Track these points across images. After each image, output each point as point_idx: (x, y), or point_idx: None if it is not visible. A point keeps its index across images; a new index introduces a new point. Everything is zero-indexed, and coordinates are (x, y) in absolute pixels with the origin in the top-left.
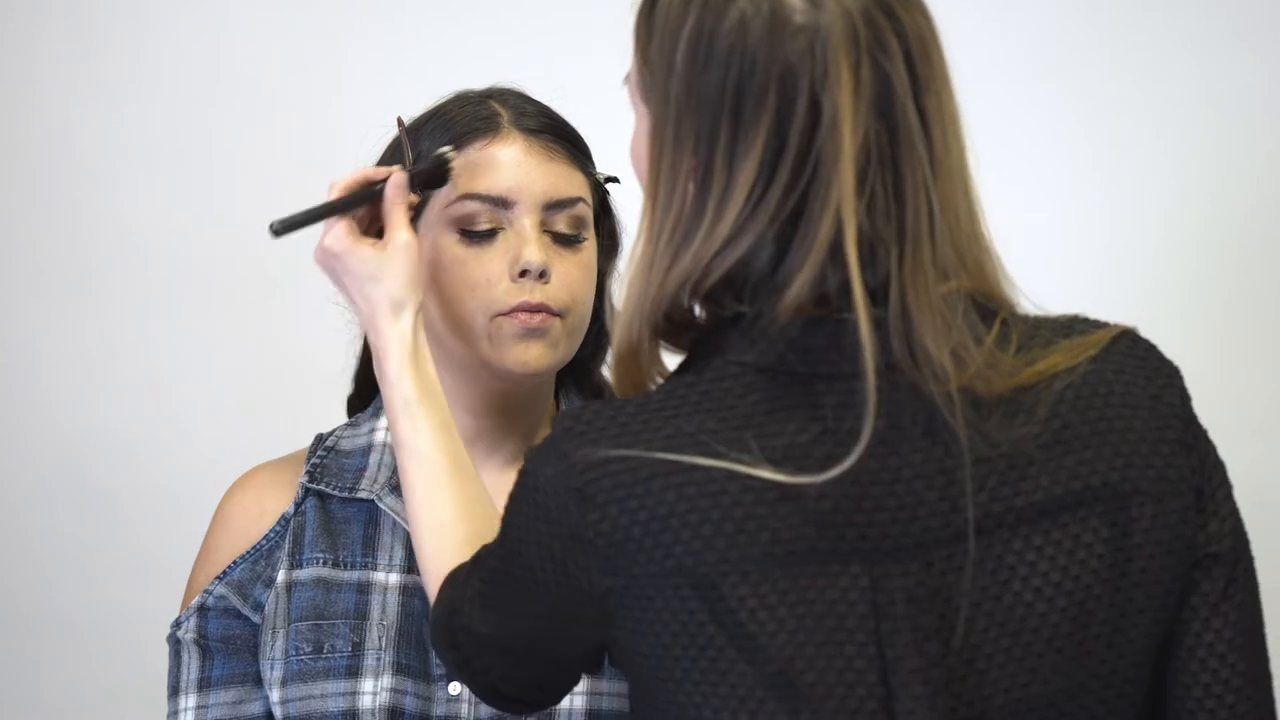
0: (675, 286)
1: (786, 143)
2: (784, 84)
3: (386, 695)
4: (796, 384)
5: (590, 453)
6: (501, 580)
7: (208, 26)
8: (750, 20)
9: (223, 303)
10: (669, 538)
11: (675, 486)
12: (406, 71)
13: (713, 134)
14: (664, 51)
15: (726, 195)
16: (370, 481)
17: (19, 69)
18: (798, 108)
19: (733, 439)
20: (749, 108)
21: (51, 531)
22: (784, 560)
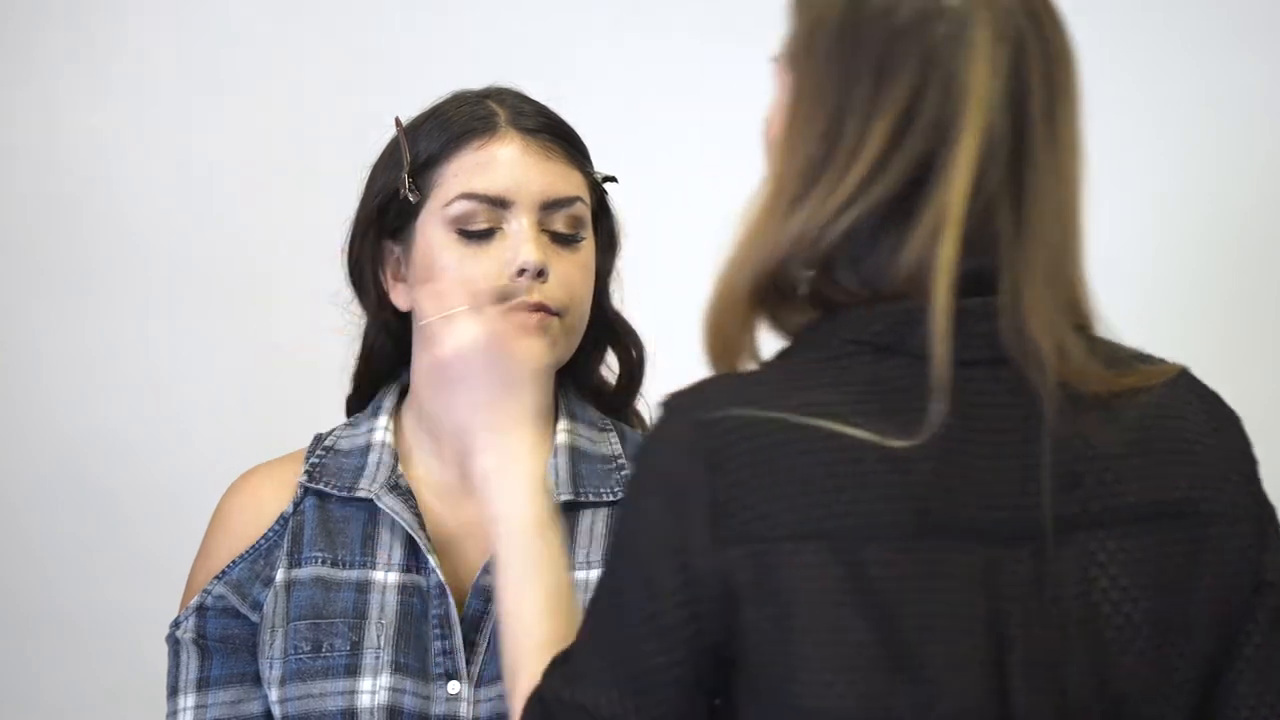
0: (790, 243)
1: (918, 116)
2: (925, 62)
3: (385, 694)
4: (918, 365)
5: (719, 415)
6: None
7: (208, 26)
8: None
9: (222, 303)
10: (806, 501)
11: (813, 452)
12: (407, 72)
13: (850, 96)
14: (815, 17)
15: (855, 154)
16: (369, 481)
17: (19, 69)
18: (933, 86)
19: (861, 411)
20: (888, 77)
21: (51, 531)
22: (916, 532)
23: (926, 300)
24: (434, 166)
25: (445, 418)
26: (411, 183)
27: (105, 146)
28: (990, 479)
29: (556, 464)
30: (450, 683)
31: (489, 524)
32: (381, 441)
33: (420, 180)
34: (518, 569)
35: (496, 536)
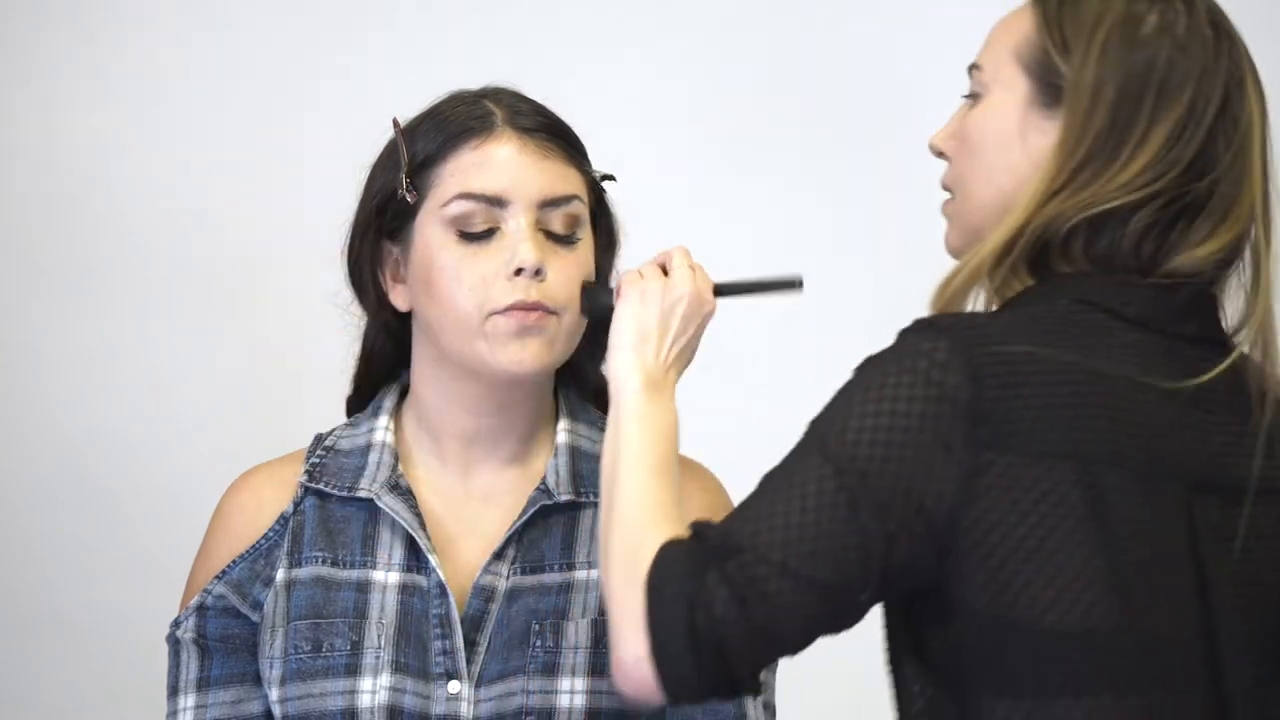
0: (1056, 211)
1: (1199, 122)
2: (1201, 80)
3: (385, 694)
4: (1162, 340)
5: (982, 339)
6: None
7: (209, 27)
8: (1174, 23)
9: (222, 303)
10: (1063, 424)
11: (1068, 381)
12: (407, 72)
13: (1139, 98)
14: (1089, 32)
15: (1140, 147)
16: (369, 481)
17: (19, 69)
18: (1212, 100)
19: (1108, 358)
20: (1173, 84)
21: (51, 531)
22: (1147, 468)
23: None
24: (431, 167)
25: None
26: (409, 183)
27: (105, 146)
28: (1209, 438)
29: (557, 464)
30: (450, 682)
31: (619, 422)
32: (382, 441)
33: (418, 180)
34: (655, 460)
35: (634, 432)
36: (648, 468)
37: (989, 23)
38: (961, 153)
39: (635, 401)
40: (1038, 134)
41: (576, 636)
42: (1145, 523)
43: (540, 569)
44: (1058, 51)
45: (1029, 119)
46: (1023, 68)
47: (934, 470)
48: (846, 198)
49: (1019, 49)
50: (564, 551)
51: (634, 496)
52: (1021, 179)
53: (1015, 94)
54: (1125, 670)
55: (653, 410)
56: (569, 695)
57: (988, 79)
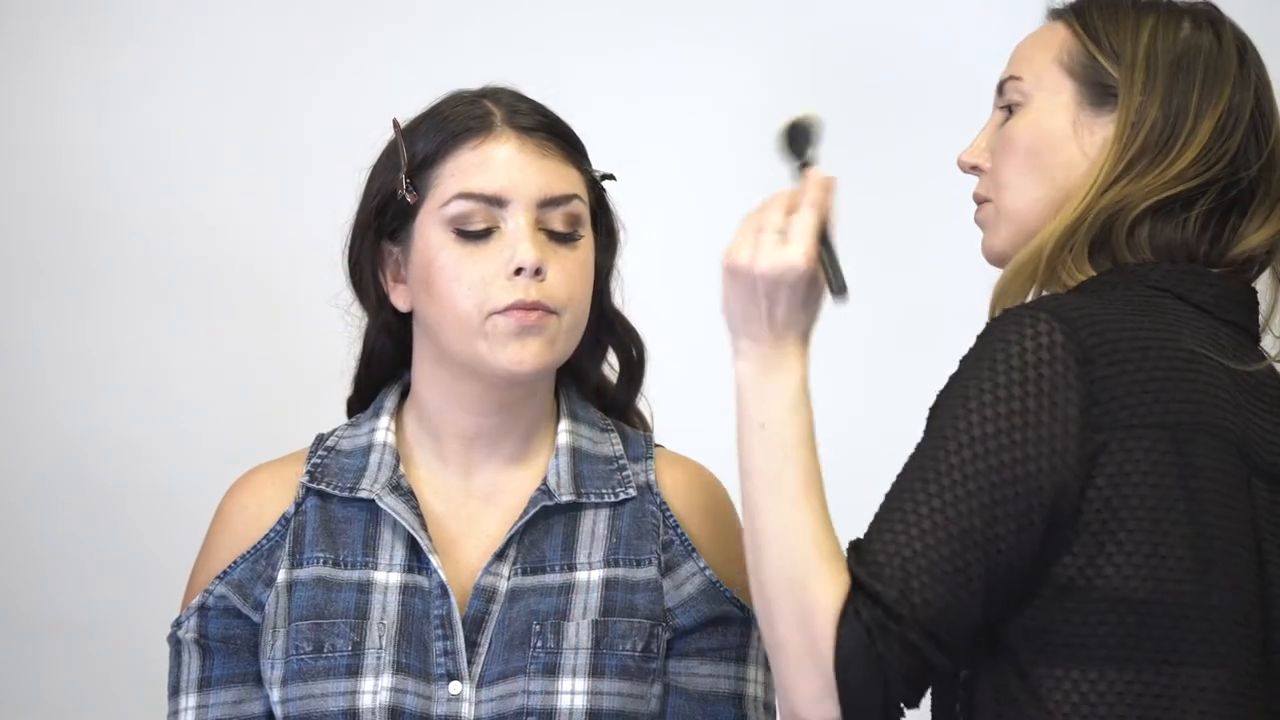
0: (1115, 198)
1: (1239, 117)
2: (1235, 82)
3: (387, 694)
4: (1223, 326)
5: (1087, 321)
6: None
7: (209, 27)
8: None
9: (223, 303)
10: (1164, 395)
11: (1165, 356)
12: (406, 73)
13: (1186, 94)
14: (1133, 39)
15: (1191, 137)
16: (370, 481)
17: (19, 69)
18: (1247, 99)
19: (1193, 336)
20: (1214, 83)
21: (52, 531)
22: (1229, 439)
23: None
24: (431, 167)
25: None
26: (409, 183)
27: (105, 146)
28: (1264, 424)
29: (558, 464)
30: (452, 683)
31: (740, 428)
32: (383, 442)
33: (418, 181)
34: (792, 478)
35: (752, 443)
36: (786, 493)
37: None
38: (1008, 157)
39: (750, 400)
40: (1089, 132)
41: (577, 637)
42: (1224, 496)
43: (541, 569)
44: (1105, 56)
45: (1080, 119)
46: (1067, 73)
47: (1055, 455)
48: (848, 198)
49: (1061, 57)
50: (565, 552)
51: (782, 535)
52: (1076, 173)
53: (1063, 96)
54: (1201, 642)
55: (773, 405)
56: (570, 696)
57: (1029, 87)
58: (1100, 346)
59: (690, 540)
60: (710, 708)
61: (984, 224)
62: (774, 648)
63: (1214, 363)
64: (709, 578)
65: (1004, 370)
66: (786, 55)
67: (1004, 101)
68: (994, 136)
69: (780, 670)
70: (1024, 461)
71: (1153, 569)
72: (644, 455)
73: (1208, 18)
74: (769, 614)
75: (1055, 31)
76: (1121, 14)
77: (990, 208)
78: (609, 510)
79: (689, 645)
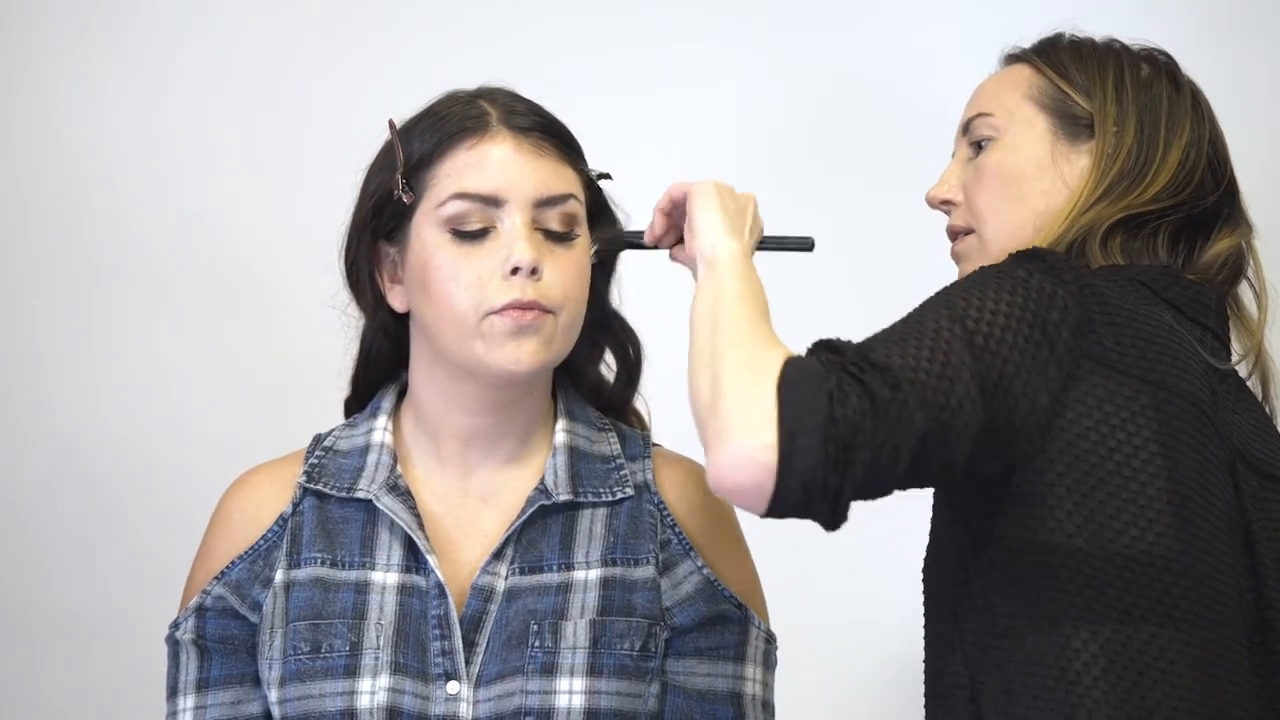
0: (1093, 218)
1: (1200, 148)
2: (1192, 115)
3: (384, 694)
4: (1193, 325)
5: (1086, 275)
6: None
7: (208, 27)
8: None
9: (222, 303)
10: (1150, 354)
11: (1152, 324)
12: (405, 73)
13: (1155, 126)
14: (1099, 77)
15: (1162, 164)
16: (368, 481)
17: (18, 69)
18: (1204, 133)
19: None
20: (1177, 117)
21: (52, 532)
22: (1206, 411)
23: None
24: (427, 167)
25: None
26: (405, 184)
27: (105, 146)
28: (1241, 418)
29: (555, 464)
30: (449, 683)
31: (720, 278)
32: (380, 442)
33: (414, 181)
34: (760, 306)
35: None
36: (758, 308)
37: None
38: (985, 186)
39: (739, 263)
40: (1067, 162)
41: (575, 636)
42: (1201, 464)
43: (539, 569)
44: (1077, 91)
45: (1058, 149)
46: (1039, 107)
47: (1038, 364)
48: (850, 197)
49: (1031, 93)
50: (562, 551)
51: (747, 327)
52: (1055, 200)
53: (1037, 129)
54: (1186, 603)
55: (751, 271)
56: (567, 695)
57: (1000, 122)
58: (1094, 299)
59: (688, 539)
60: (708, 706)
61: (963, 256)
62: (712, 404)
63: (1192, 347)
64: (706, 577)
65: (1009, 286)
66: (786, 55)
67: (973, 137)
68: (965, 170)
69: (716, 417)
70: (1007, 359)
71: (1135, 522)
72: (641, 454)
73: (1163, 62)
74: (716, 368)
75: (1019, 72)
76: (1085, 54)
77: (973, 239)
78: (606, 509)
79: (687, 644)
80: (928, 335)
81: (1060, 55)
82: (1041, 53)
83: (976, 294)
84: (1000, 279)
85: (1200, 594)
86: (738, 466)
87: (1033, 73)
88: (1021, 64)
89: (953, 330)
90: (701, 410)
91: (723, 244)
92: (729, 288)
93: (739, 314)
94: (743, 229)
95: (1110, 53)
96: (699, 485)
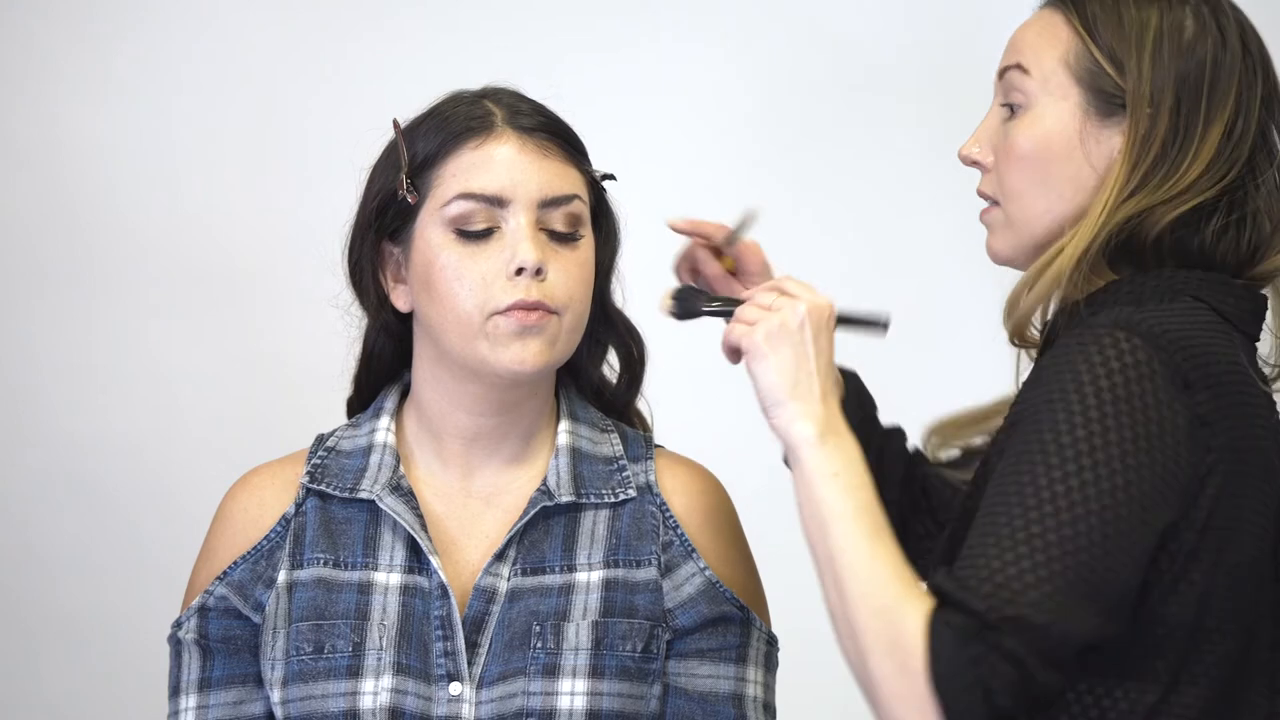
0: (1130, 212)
1: (1249, 115)
2: (1242, 76)
3: (387, 695)
4: (1246, 342)
5: (1163, 338)
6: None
7: (208, 28)
8: (1208, 25)
9: (223, 304)
10: (1258, 424)
11: (1245, 383)
12: (406, 73)
13: (1195, 100)
14: (1137, 44)
15: (1201, 144)
16: (370, 481)
17: (18, 69)
18: (1256, 93)
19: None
20: (1221, 83)
21: (53, 532)
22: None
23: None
24: (431, 167)
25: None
26: (409, 184)
27: (105, 146)
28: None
29: (558, 465)
30: (452, 684)
31: (811, 483)
32: (383, 443)
33: (418, 181)
34: (870, 516)
35: (826, 492)
36: (864, 530)
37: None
38: (1013, 163)
39: (818, 456)
40: (1095, 143)
41: (577, 638)
42: (1269, 525)
43: (541, 570)
44: (1111, 64)
45: (1086, 128)
46: (1074, 78)
47: (1172, 475)
48: (849, 196)
49: (1067, 60)
50: (565, 553)
51: (865, 569)
52: (1084, 186)
53: (1069, 104)
54: (1246, 661)
55: (839, 456)
56: (569, 696)
57: (1034, 87)
58: (1196, 370)
59: (690, 541)
60: (710, 708)
61: (991, 225)
62: (869, 685)
63: (1260, 389)
64: (709, 578)
65: (1103, 388)
66: (786, 55)
67: (1006, 98)
68: (996, 133)
69: (878, 706)
70: (1140, 482)
71: (1225, 597)
72: (644, 455)
73: (1209, 8)
74: (860, 649)
75: (1057, 25)
76: (1126, 14)
77: (999, 212)
78: (609, 511)
79: (689, 646)
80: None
81: (1101, 13)
82: (1081, 7)
83: (1081, 432)
84: (1091, 395)
85: (1257, 652)
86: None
87: (1071, 34)
88: (1057, 15)
89: (1058, 493)
90: (860, 685)
91: (796, 429)
92: (826, 504)
93: (850, 551)
94: (806, 377)
95: (1156, 5)
96: (701, 487)
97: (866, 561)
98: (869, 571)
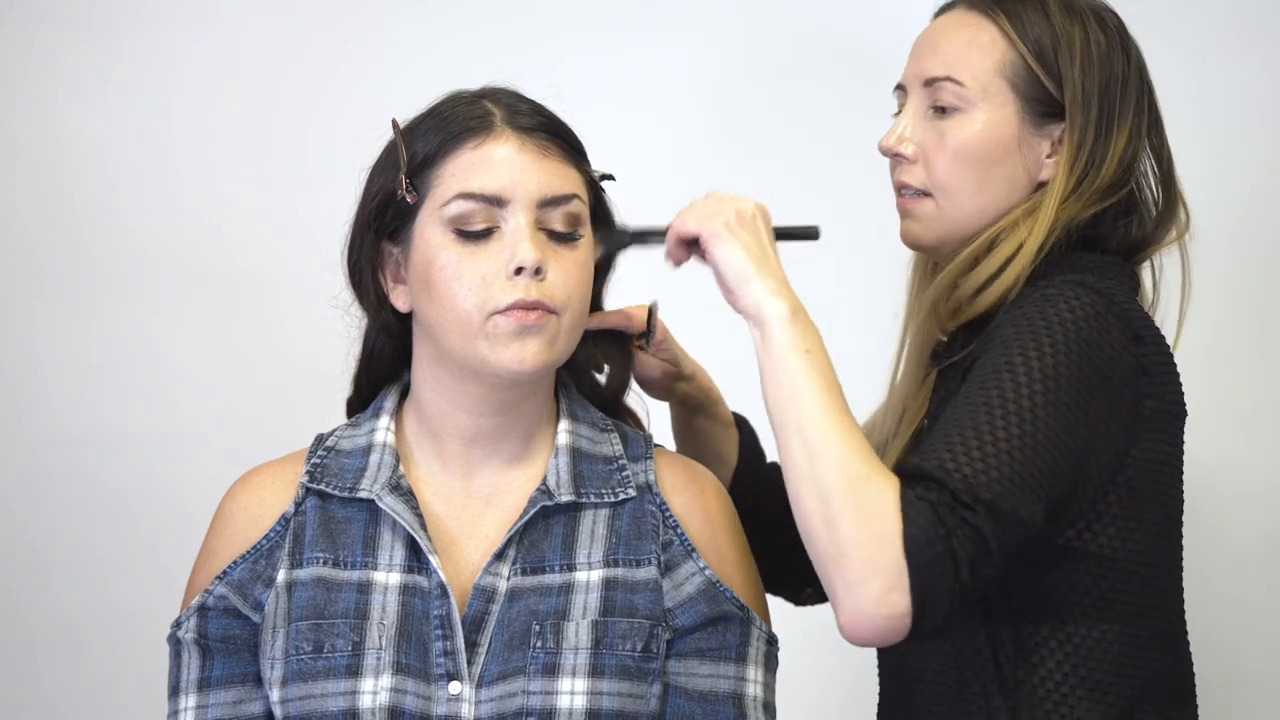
0: (1072, 212)
1: (1139, 131)
2: (1141, 79)
3: (386, 695)
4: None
5: (1117, 298)
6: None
7: (209, 28)
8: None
9: (223, 304)
10: (1174, 377)
11: (1166, 344)
12: (406, 73)
13: (1111, 107)
14: (1068, 56)
15: (1110, 152)
16: (370, 481)
17: (18, 69)
18: (1146, 93)
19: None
20: (1129, 87)
21: (53, 532)
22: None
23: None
24: (431, 167)
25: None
26: (409, 184)
27: (105, 146)
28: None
29: (557, 464)
30: (451, 683)
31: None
32: (383, 442)
33: (417, 181)
34: (838, 391)
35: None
36: (837, 404)
37: None
38: (951, 161)
39: (791, 332)
40: (1030, 148)
41: (577, 637)
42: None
43: (541, 569)
44: (1048, 76)
45: (1023, 134)
46: (1011, 87)
47: (1119, 410)
48: (847, 195)
49: (1003, 69)
50: (564, 552)
51: (839, 437)
52: (1017, 186)
53: (1008, 110)
54: (1165, 593)
55: (810, 334)
56: (569, 696)
57: (971, 95)
58: (1146, 328)
59: (690, 540)
60: (710, 707)
61: (914, 214)
62: (836, 552)
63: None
64: (708, 578)
65: (1068, 329)
66: (787, 55)
67: (937, 100)
68: (924, 129)
69: (844, 571)
70: (1089, 408)
71: (1141, 533)
72: (644, 455)
73: (1114, 25)
74: (828, 515)
75: (985, 34)
76: (1057, 26)
77: (930, 204)
78: (609, 510)
79: (688, 645)
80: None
81: (1034, 27)
82: (1013, 15)
83: (1048, 361)
84: (1054, 333)
85: (1175, 585)
86: (874, 631)
87: (1006, 45)
88: (984, 19)
89: (1030, 405)
90: (820, 553)
91: (768, 305)
92: (803, 381)
93: (822, 423)
94: (768, 259)
95: (1077, 20)
96: (700, 486)
97: (840, 432)
98: (843, 440)
